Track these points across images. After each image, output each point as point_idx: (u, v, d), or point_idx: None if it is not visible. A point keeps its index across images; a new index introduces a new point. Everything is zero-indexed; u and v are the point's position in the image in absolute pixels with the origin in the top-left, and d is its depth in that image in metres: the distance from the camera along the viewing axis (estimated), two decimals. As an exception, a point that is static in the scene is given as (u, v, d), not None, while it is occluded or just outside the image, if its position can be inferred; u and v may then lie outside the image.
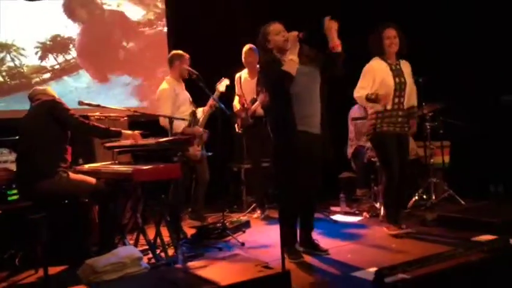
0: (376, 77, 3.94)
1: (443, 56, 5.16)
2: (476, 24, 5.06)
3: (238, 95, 5.25)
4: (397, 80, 3.94)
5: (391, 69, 3.97)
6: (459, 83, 5.23)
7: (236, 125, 5.27)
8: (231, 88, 4.98)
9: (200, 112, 4.62)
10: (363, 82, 3.97)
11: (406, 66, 4.06)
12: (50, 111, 3.53)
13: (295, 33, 3.44)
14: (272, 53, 3.55)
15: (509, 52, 5.05)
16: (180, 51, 4.64)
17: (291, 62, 3.41)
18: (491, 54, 5.11)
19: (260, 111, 5.00)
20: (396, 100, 3.95)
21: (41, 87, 3.87)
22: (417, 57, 4.20)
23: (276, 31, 3.53)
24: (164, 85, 4.55)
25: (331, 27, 3.46)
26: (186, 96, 4.62)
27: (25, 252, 3.63)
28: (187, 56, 4.59)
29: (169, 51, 5.06)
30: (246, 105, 5.13)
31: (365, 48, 4.06)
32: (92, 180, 3.52)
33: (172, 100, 4.44)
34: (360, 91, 3.95)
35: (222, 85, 4.66)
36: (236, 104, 5.23)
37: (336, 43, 3.49)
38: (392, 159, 3.92)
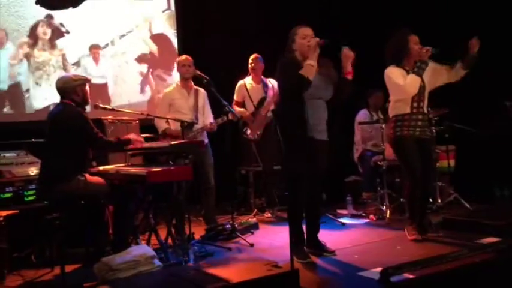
0: (404, 75, 3.83)
1: (449, 61, 5.21)
2: (481, 29, 5.11)
3: (237, 102, 5.34)
4: None
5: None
6: (465, 88, 5.29)
7: (247, 132, 5.30)
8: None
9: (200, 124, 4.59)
10: (397, 78, 3.81)
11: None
12: (72, 123, 3.56)
13: (316, 39, 3.46)
14: (294, 54, 3.58)
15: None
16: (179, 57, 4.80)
17: (310, 67, 3.40)
18: (497, 60, 5.17)
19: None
20: (415, 104, 3.89)
21: (75, 77, 3.76)
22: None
23: (302, 34, 3.54)
24: (167, 89, 4.84)
25: (348, 56, 3.51)
26: (185, 103, 4.60)
27: (41, 251, 3.75)
28: (180, 58, 4.71)
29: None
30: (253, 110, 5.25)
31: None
32: (107, 182, 3.62)
33: (165, 104, 4.67)
34: (401, 81, 3.79)
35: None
36: (239, 110, 5.20)
37: (348, 71, 3.53)
38: (414, 162, 3.85)
